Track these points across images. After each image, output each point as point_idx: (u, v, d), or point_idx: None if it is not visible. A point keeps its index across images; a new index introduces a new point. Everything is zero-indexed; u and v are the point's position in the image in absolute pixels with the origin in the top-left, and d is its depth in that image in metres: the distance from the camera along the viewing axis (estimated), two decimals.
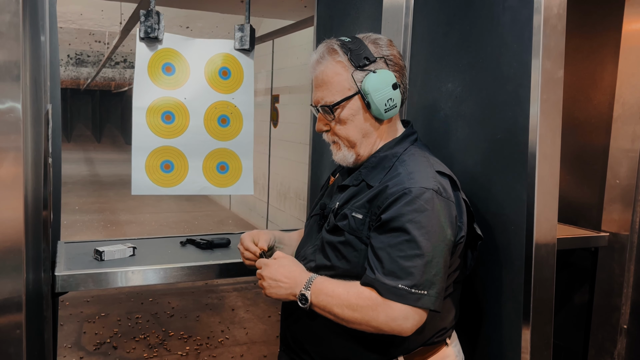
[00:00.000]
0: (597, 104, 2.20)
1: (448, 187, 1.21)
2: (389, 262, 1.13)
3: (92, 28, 7.37)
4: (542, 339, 1.27)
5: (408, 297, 1.11)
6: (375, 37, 1.29)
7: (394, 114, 1.28)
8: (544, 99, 1.22)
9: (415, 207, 1.14)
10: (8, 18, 0.86)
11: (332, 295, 1.17)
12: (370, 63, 1.25)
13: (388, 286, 1.12)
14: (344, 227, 1.24)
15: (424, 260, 1.12)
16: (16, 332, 0.90)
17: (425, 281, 1.12)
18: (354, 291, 1.16)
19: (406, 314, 1.12)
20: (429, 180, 1.18)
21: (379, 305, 1.13)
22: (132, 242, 1.77)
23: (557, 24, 1.22)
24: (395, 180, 1.19)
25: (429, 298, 1.12)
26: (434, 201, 1.15)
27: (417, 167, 1.21)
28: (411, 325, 1.13)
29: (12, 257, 0.86)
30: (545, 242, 1.25)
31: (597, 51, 2.20)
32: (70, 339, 3.65)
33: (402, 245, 1.13)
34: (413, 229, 1.12)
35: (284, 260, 1.26)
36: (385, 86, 1.24)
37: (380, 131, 1.30)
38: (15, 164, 0.86)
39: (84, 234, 6.58)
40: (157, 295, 4.56)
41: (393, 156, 1.27)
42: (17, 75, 0.87)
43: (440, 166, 1.25)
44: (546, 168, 1.23)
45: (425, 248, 1.12)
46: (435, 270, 1.13)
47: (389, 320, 1.13)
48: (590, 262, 2.21)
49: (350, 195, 1.28)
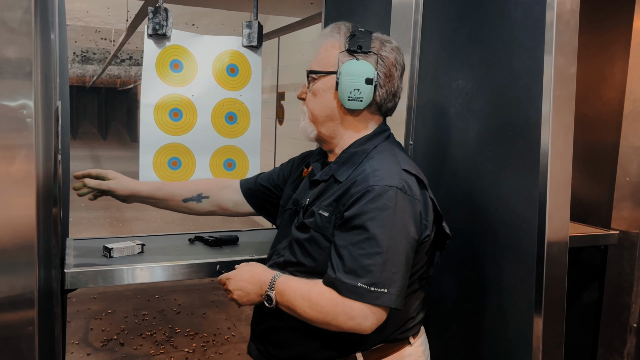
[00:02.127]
0: (607, 101, 2.18)
1: (414, 186, 1.20)
2: (350, 260, 1.13)
3: (98, 25, 7.38)
4: (554, 337, 1.26)
5: (367, 296, 1.11)
6: (386, 39, 1.29)
7: (355, 107, 1.26)
8: (556, 96, 1.21)
9: (377, 205, 1.13)
10: (20, 15, 0.86)
11: (295, 294, 1.18)
12: (360, 52, 1.25)
13: (347, 285, 1.12)
14: (310, 224, 1.24)
15: (383, 258, 1.11)
16: (28, 329, 0.90)
17: (385, 279, 1.11)
18: (315, 290, 1.16)
19: (365, 312, 1.12)
20: (394, 178, 1.17)
21: (338, 304, 1.13)
22: (141, 239, 1.77)
23: (570, 19, 1.21)
24: (360, 178, 1.19)
25: (389, 296, 1.12)
26: (397, 199, 1.14)
27: (383, 165, 1.21)
28: (370, 324, 1.13)
29: (25, 253, 0.87)
30: (557, 240, 1.24)
31: (608, 47, 2.18)
32: (78, 336, 3.67)
33: (363, 244, 1.13)
34: (374, 227, 1.12)
35: (245, 266, 1.29)
36: (358, 75, 1.23)
37: (347, 122, 1.30)
38: (28, 161, 0.86)
39: (90, 230, 6.60)
40: (163, 292, 4.57)
41: (363, 152, 1.27)
42: (29, 72, 0.86)
43: (407, 164, 1.24)
44: (558, 165, 1.22)
45: (386, 246, 1.12)
46: (395, 268, 1.12)
47: (348, 319, 1.12)
48: (599, 260, 2.20)
49: (320, 191, 1.28)
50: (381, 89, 1.26)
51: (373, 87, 1.24)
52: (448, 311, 1.56)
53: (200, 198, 1.63)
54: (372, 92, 1.25)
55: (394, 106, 1.32)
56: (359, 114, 1.29)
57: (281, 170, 1.59)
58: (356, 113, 1.29)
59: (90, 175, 1.58)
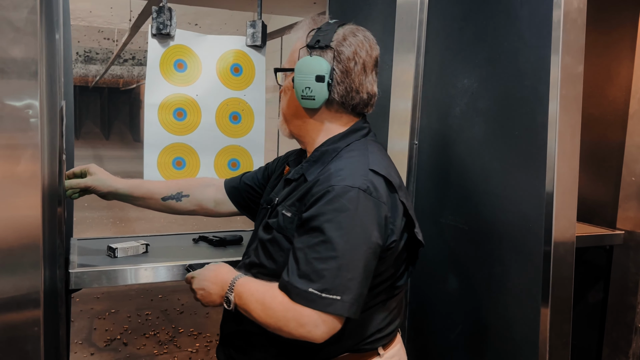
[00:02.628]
0: (613, 100, 2.17)
1: (380, 187, 1.12)
2: (305, 263, 1.06)
3: (101, 25, 7.39)
4: (561, 338, 1.26)
5: (318, 302, 1.04)
6: (350, 32, 1.20)
7: (310, 105, 1.19)
8: (563, 95, 1.20)
9: (336, 206, 1.06)
10: (25, 14, 0.86)
11: (251, 297, 1.12)
12: (317, 48, 1.18)
13: (299, 290, 1.05)
14: (273, 224, 1.20)
15: (338, 262, 1.04)
16: (34, 329, 0.89)
17: (339, 285, 1.04)
18: (269, 294, 1.10)
19: (316, 320, 1.04)
20: (357, 179, 1.10)
21: (289, 310, 1.06)
22: (145, 238, 1.77)
23: (577, 18, 1.20)
24: (323, 177, 1.13)
25: (341, 304, 1.04)
26: (358, 201, 1.07)
27: (348, 164, 1.14)
28: (322, 333, 1.05)
29: (31, 253, 0.86)
30: (564, 241, 1.23)
31: (613, 46, 2.17)
32: (81, 335, 3.67)
33: (318, 247, 1.05)
34: (330, 230, 1.05)
35: (211, 266, 1.24)
36: (308, 73, 1.17)
37: (312, 121, 1.23)
38: (33, 160, 0.86)
39: (93, 230, 6.61)
40: (166, 292, 4.57)
41: (333, 151, 1.20)
42: (34, 72, 0.86)
43: (378, 164, 1.15)
44: (565, 165, 1.22)
45: (341, 250, 1.04)
46: (351, 275, 1.04)
47: (298, 326, 1.05)
48: (605, 261, 2.19)
49: (290, 190, 1.23)
50: (338, 86, 1.18)
51: (326, 84, 1.16)
52: (453, 311, 1.56)
53: (180, 196, 1.58)
54: (325, 90, 1.16)
55: (363, 102, 1.22)
56: (321, 112, 1.22)
57: (266, 169, 1.54)
58: (317, 111, 1.22)
59: (74, 173, 1.57)
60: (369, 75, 1.21)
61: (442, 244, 1.57)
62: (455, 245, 1.51)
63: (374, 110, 1.28)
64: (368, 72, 1.21)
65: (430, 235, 1.58)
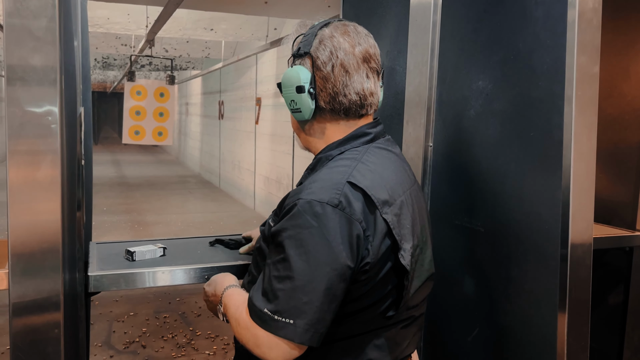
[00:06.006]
0: (631, 100, 2.14)
1: (356, 203, 1.00)
2: (267, 280, 1.01)
3: (119, 32, 7.49)
4: (579, 342, 1.24)
5: (270, 324, 0.98)
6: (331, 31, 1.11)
7: (300, 118, 1.14)
8: (579, 96, 1.19)
9: (299, 222, 0.98)
10: (45, 23, 0.88)
11: (231, 309, 1.11)
12: (298, 56, 1.12)
13: (256, 308, 1.01)
14: (262, 233, 1.18)
15: (294, 284, 0.96)
16: (54, 332, 0.91)
17: (292, 308, 0.96)
18: (242, 309, 1.06)
19: (269, 342, 0.98)
20: (327, 192, 1.00)
21: (249, 328, 1.02)
22: (162, 242, 1.79)
23: (592, 18, 1.19)
24: (297, 189, 1.07)
25: (294, 329, 0.96)
26: (326, 217, 0.97)
27: (326, 176, 1.05)
28: (276, 356, 0.98)
29: (51, 257, 0.88)
30: (582, 242, 1.22)
31: (631, 46, 2.15)
32: (101, 338, 3.72)
33: (278, 264, 0.99)
34: (289, 247, 0.98)
35: (217, 276, 1.24)
36: (289, 86, 1.11)
37: (310, 133, 1.18)
38: (53, 166, 0.88)
39: (112, 234, 6.69)
40: (184, 295, 4.61)
41: (326, 159, 1.13)
42: (54, 80, 0.88)
43: (362, 177, 1.03)
44: (582, 166, 1.20)
45: (299, 270, 0.96)
46: (308, 298, 0.95)
47: (255, 346, 1.01)
48: (624, 262, 2.16)
49: None
50: (322, 93, 1.10)
51: (307, 94, 1.09)
52: (470, 314, 1.55)
53: None
54: (308, 100, 1.09)
55: (355, 104, 1.12)
56: (316, 122, 1.16)
57: None
58: (312, 122, 1.16)
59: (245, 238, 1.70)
60: (353, 75, 1.10)
61: (458, 246, 1.56)
62: (471, 247, 1.50)
63: (388, 113, 1.27)
64: (352, 72, 1.10)
65: (445, 237, 1.58)
